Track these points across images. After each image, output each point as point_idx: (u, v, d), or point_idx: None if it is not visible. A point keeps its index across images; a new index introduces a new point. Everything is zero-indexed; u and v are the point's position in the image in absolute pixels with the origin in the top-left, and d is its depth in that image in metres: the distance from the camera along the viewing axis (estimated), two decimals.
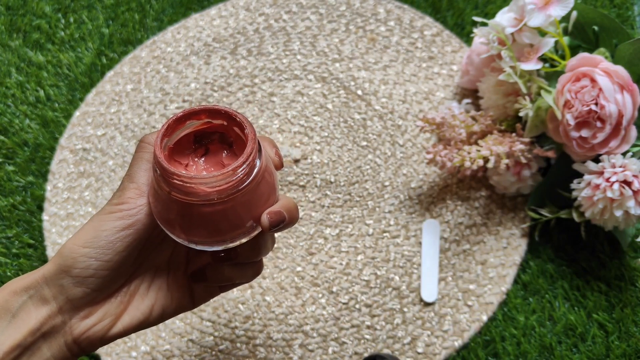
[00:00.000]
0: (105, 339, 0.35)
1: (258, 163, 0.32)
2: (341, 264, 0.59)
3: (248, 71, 0.68)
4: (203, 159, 0.34)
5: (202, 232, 0.32)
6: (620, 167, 0.52)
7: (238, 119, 0.32)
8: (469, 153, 0.55)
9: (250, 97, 0.67)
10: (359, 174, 0.63)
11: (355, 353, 0.56)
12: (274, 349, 0.57)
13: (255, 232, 0.34)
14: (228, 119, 0.33)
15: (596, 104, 0.51)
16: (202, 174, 0.30)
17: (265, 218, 0.33)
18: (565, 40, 0.57)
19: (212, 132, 0.34)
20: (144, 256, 0.36)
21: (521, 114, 0.55)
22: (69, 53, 0.70)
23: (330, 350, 0.56)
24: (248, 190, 0.32)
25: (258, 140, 0.32)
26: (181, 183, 0.30)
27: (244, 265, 0.37)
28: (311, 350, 0.57)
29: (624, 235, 0.56)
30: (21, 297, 0.33)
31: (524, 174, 0.58)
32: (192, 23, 0.71)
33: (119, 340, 0.57)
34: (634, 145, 0.54)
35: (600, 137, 0.51)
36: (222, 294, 0.58)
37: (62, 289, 0.33)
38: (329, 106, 0.66)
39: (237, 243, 0.34)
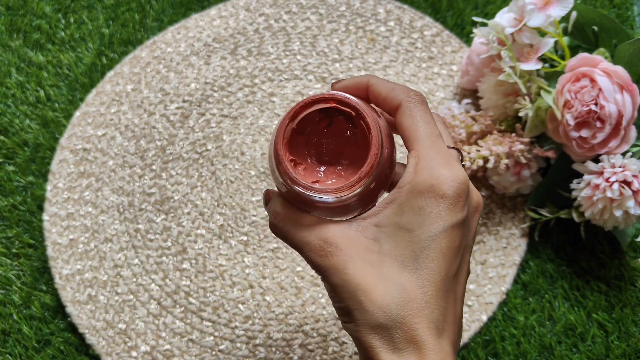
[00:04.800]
0: None
1: (379, 162, 0.31)
2: None
3: (248, 71, 0.68)
4: (325, 130, 0.34)
5: (316, 212, 0.33)
6: (620, 167, 0.52)
7: (366, 120, 0.32)
8: (468, 153, 0.55)
9: (250, 97, 0.67)
10: None
11: (355, 353, 0.56)
12: (274, 349, 0.57)
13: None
14: (356, 112, 0.32)
15: (596, 104, 0.51)
16: (321, 187, 0.31)
17: None
18: (565, 40, 0.57)
19: (340, 111, 0.34)
20: None
21: (521, 114, 0.55)
22: (69, 53, 0.70)
23: (330, 350, 0.56)
24: (367, 189, 0.32)
25: (380, 130, 0.32)
26: (301, 190, 0.31)
27: None
28: (311, 350, 0.57)
29: (624, 235, 0.56)
30: None
31: (523, 174, 0.58)
32: (192, 23, 0.71)
33: (119, 340, 0.57)
34: (634, 145, 0.54)
35: (600, 137, 0.51)
36: (221, 294, 0.59)
37: None
38: None
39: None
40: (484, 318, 0.57)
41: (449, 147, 0.33)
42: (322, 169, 0.34)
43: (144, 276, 0.60)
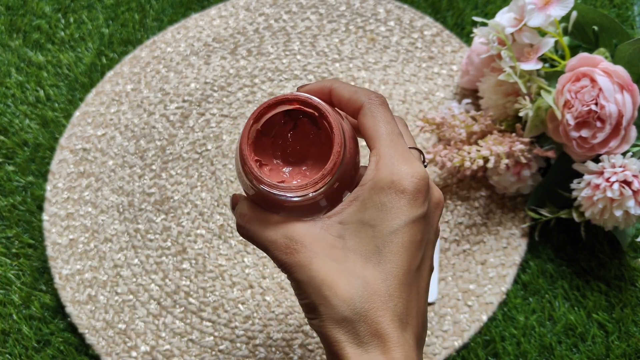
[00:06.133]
0: None
1: (342, 161, 0.32)
2: None
3: (248, 71, 0.68)
4: (290, 133, 0.35)
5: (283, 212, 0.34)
6: (620, 167, 0.52)
7: (329, 119, 0.32)
8: (469, 153, 0.55)
9: (250, 97, 0.67)
10: None
11: None
12: (274, 349, 0.57)
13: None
14: (319, 112, 0.33)
15: (596, 104, 0.51)
16: (285, 186, 0.32)
17: None
18: (565, 40, 0.57)
19: (303, 112, 0.35)
20: None
21: (521, 114, 0.55)
22: (68, 53, 0.70)
23: None
24: (331, 188, 0.32)
25: (342, 130, 0.32)
26: (267, 189, 0.32)
27: None
28: (311, 350, 0.57)
29: (624, 235, 0.56)
30: None
31: (524, 174, 0.58)
32: (192, 23, 0.71)
33: (118, 340, 0.57)
34: (634, 145, 0.54)
35: (600, 137, 0.51)
36: (221, 294, 0.58)
37: None
38: None
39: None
40: (484, 318, 0.57)
41: (410, 148, 0.34)
42: (288, 169, 0.35)
43: (143, 276, 0.60)
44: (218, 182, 0.63)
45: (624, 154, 0.53)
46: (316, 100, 0.33)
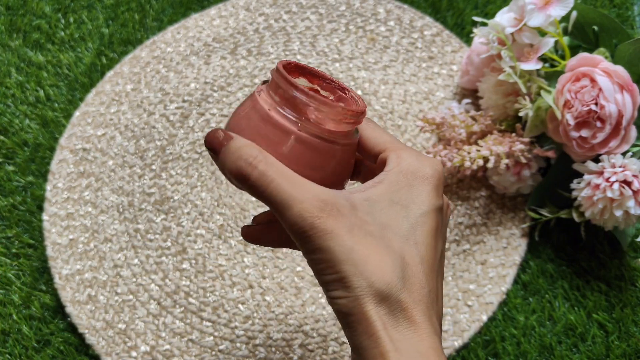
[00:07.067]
0: None
1: (356, 135, 0.33)
2: None
3: (248, 71, 0.68)
4: None
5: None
6: (620, 167, 0.52)
7: (350, 95, 0.33)
8: (468, 153, 0.55)
9: None
10: None
11: None
12: (274, 349, 0.57)
13: None
14: (340, 90, 0.33)
15: (596, 104, 0.51)
16: (320, 97, 0.30)
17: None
18: (565, 40, 0.57)
19: None
20: None
21: (521, 114, 0.55)
22: (68, 53, 0.70)
23: (330, 350, 0.56)
24: (343, 147, 0.32)
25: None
26: (301, 96, 0.30)
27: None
28: (311, 350, 0.57)
29: (624, 235, 0.56)
30: None
31: (524, 174, 0.58)
32: (192, 23, 0.71)
33: (118, 340, 0.57)
34: (634, 145, 0.54)
35: (600, 137, 0.51)
36: (221, 294, 0.59)
37: None
38: None
39: None
40: (484, 318, 0.57)
41: None
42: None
43: (143, 276, 0.60)
44: (218, 182, 0.63)
45: (624, 154, 0.53)
46: (337, 80, 0.34)
